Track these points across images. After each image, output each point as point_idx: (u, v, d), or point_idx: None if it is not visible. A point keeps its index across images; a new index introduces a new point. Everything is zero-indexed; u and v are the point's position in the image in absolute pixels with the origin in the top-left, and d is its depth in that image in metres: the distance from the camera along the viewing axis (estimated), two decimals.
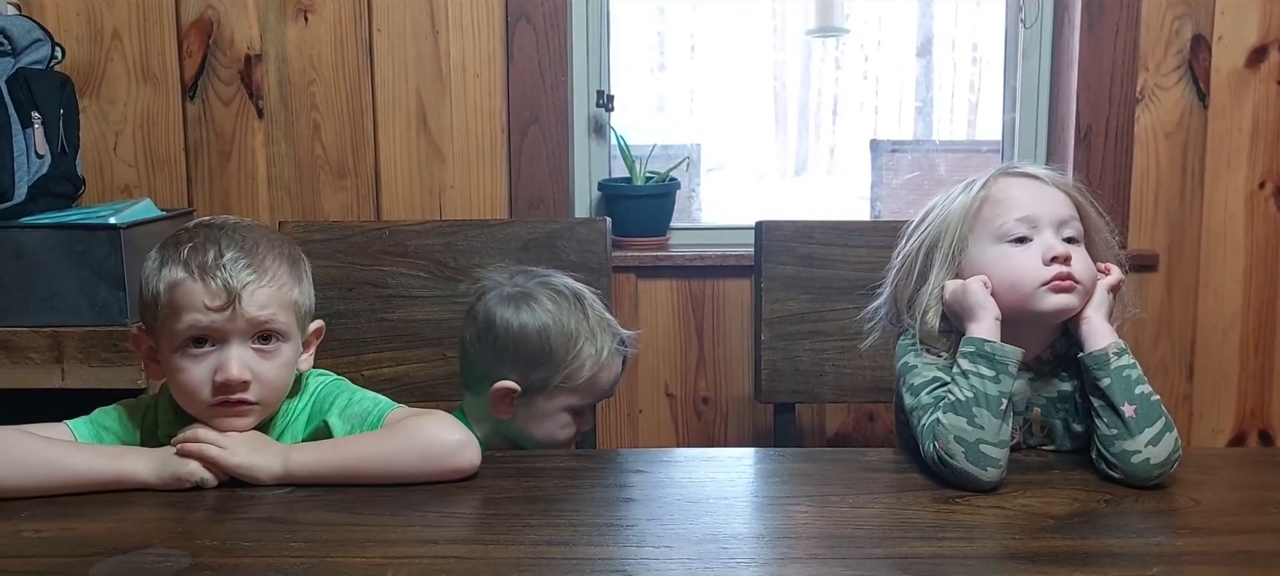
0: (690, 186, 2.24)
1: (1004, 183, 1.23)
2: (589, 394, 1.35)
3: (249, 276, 1.08)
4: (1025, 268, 1.17)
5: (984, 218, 1.21)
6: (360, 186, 1.98)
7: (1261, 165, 2.01)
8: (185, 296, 1.07)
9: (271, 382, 1.11)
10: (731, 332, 2.03)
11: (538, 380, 1.31)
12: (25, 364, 1.56)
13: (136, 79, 1.95)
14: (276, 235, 1.17)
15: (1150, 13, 1.97)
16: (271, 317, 1.10)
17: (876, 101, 2.44)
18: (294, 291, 1.13)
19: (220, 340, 1.09)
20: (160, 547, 0.95)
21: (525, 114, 1.97)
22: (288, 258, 1.14)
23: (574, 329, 1.31)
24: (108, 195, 1.96)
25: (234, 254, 1.09)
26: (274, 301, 1.10)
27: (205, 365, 1.09)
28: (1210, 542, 0.98)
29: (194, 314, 1.07)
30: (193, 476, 1.07)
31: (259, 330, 1.10)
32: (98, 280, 1.57)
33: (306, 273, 1.18)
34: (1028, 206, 1.19)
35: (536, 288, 1.34)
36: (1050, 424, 1.25)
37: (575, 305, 1.33)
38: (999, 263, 1.19)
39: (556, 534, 0.99)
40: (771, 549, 0.97)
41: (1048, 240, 1.18)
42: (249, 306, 1.08)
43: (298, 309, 1.14)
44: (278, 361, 1.12)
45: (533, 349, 1.31)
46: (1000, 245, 1.19)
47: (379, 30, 1.94)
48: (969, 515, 1.03)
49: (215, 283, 1.07)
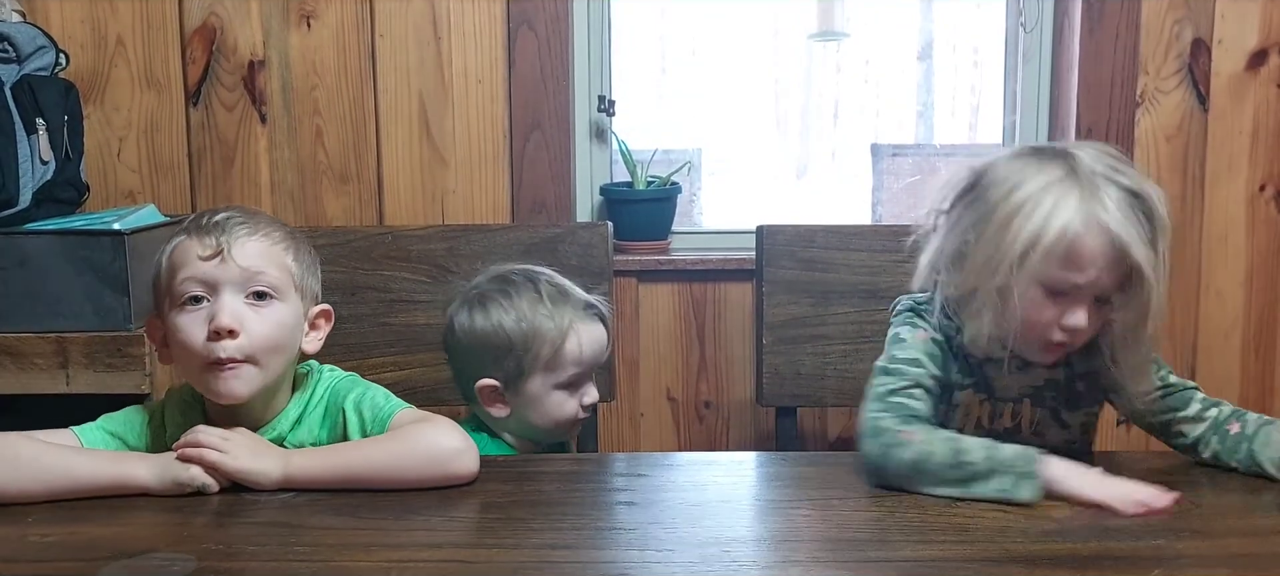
0: (691, 190, 2.25)
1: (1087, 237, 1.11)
2: (571, 366, 1.33)
3: (241, 231, 1.12)
4: (1043, 322, 1.15)
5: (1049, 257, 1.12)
6: (363, 192, 1.99)
7: (1262, 168, 2.01)
8: (182, 254, 1.12)
9: (262, 337, 1.12)
10: (733, 337, 2.04)
11: (512, 370, 1.32)
12: (30, 369, 1.57)
13: (140, 85, 1.96)
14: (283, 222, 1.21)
15: (1150, 16, 1.97)
16: (262, 270, 1.12)
17: (877, 105, 2.44)
18: (288, 255, 1.16)
19: (213, 292, 1.11)
20: (165, 551, 0.95)
21: (527, 119, 1.97)
22: (288, 231, 1.18)
23: (527, 311, 1.32)
24: (112, 201, 1.96)
25: (231, 215, 1.14)
26: (264, 257, 1.13)
27: (199, 317, 1.11)
28: (1211, 545, 0.98)
29: (189, 268, 1.11)
30: (194, 481, 1.08)
31: (251, 283, 1.12)
32: (102, 286, 1.57)
33: (309, 253, 1.20)
34: (1085, 275, 1.12)
35: (488, 284, 1.36)
36: (1040, 417, 1.25)
37: (526, 288, 1.34)
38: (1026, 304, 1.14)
39: (559, 537, 1.00)
40: (773, 552, 0.98)
41: (1078, 316, 1.14)
42: (238, 256, 1.11)
43: (292, 275, 1.16)
44: (269, 317, 1.13)
45: (494, 343, 1.32)
46: (1036, 287, 1.14)
47: (381, 36, 1.95)
48: (969, 518, 1.03)
49: (209, 238, 1.11)
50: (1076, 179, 1.13)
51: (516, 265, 1.40)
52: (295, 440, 1.19)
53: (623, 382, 2.03)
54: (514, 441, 1.38)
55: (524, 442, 1.39)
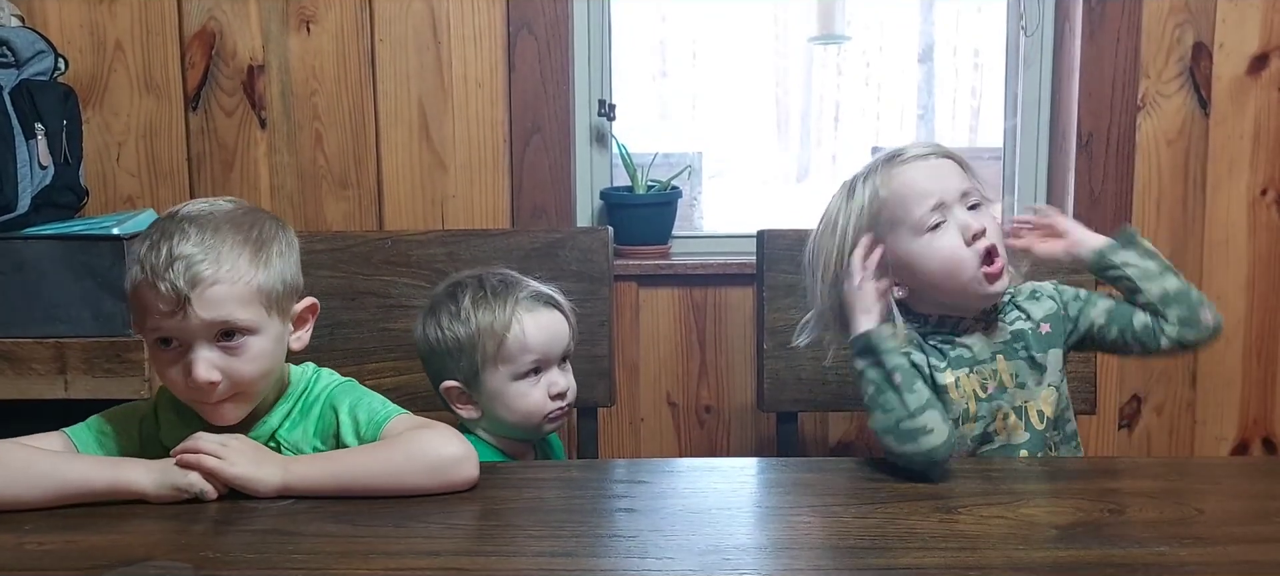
0: (692, 194, 2.25)
1: (899, 173, 1.26)
2: (522, 355, 1.33)
3: (201, 271, 1.05)
4: (954, 253, 1.24)
5: (893, 214, 1.26)
6: (362, 197, 1.98)
7: (1263, 172, 2.01)
8: (143, 298, 1.07)
9: (244, 377, 1.10)
10: (734, 341, 2.03)
11: (468, 369, 1.34)
12: (28, 375, 1.57)
13: (139, 90, 1.96)
14: (247, 216, 1.13)
15: (1151, 20, 1.97)
16: (228, 316, 1.07)
17: (878, 108, 2.44)
18: (257, 278, 1.09)
19: (184, 340, 1.07)
20: (163, 560, 0.95)
21: (527, 123, 1.97)
22: (252, 243, 1.10)
23: (470, 309, 1.33)
24: (111, 206, 1.96)
25: (187, 249, 1.05)
26: (229, 298, 1.07)
27: (177, 366, 1.09)
28: (1214, 552, 0.98)
29: (154, 317, 1.06)
30: (192, 487, 1.07)
31: (218, 329, 1.07)
32: (101, 291, 1.57)
33: (280, 252, 1.13)
34: (932, 192, 1.24)
35: (440, 291, 1.39)
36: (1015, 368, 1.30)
37: (470, 287, 1.36)
38: (926, 255, 1.25)
39: (558, 545, 0.99)
40: (774, 559, 0.97)
41: (962, 218, 1.24)
42: (200, 309, 1.05)
43: (265, 296, 1.10)
44: (247, 356, 1.09)
45: (447, 348, 1.34)
46: (920, 237, 1.25)
47: (381, 40, 1.95)
48: (972, 525, 1.03)
49: (165, 286, 1.04)
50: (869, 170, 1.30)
51: (473, 270, 1.41)
52: (287, 436, 1.18)
53: (623, 387, 2.02)
54: (492, 440, 1.38)
55: (504, 441, 1.39)
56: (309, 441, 1.18)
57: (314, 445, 1.18)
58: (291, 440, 1.18)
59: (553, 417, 1.36)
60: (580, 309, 1.57)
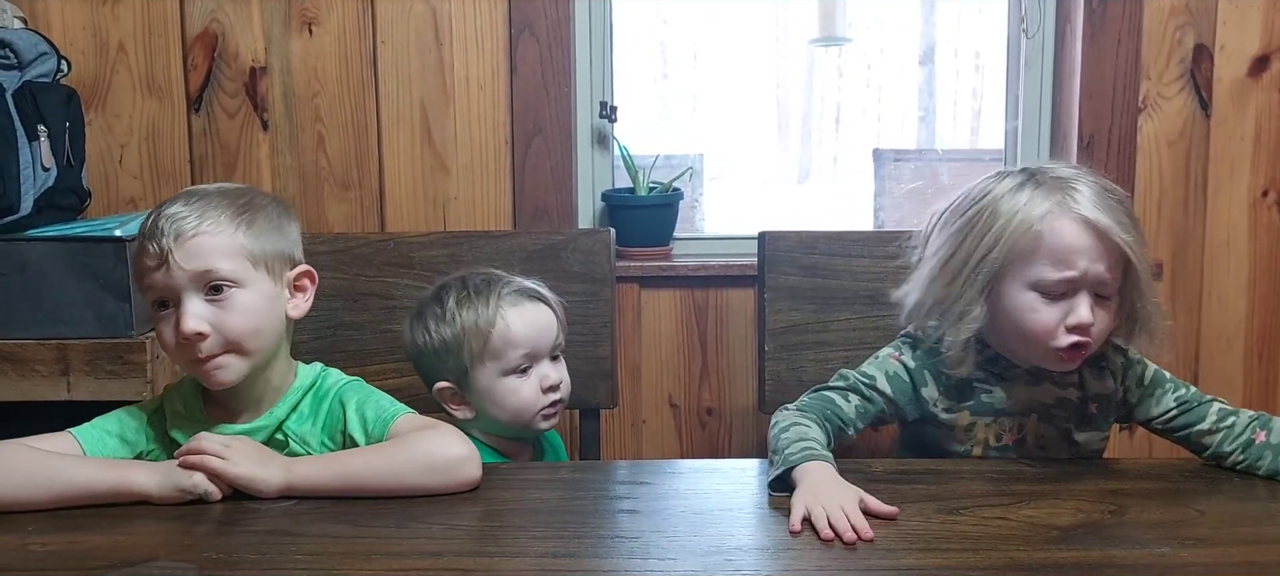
0: (693, 196, 2.25)
1: (1065, 226, 1.15)
2: (509, 350, 1.33)
3: (182, 226, 1.11)
4: (1046, 326, 1.16)
5: (1026, 249, 1.15)
6: (364, 198, 1.99)
7: (1264, 174, 2.01)
8: (139, 261, 1.14)
9: (233, 329, 1.13)
10: (735, 343, 2.03)
11: (457, 369, 1.34)
12: (31, 376, 1.57)
13: (142, 92, 1.96)
14: (244, 191, 1.19)
15: (1152, 22, 1.97)
16: (210, 267, 1.11)
17: (879, 110, 2.44)
18: (239, 235, 1.14)
19: (175, 298, 1.12)
20: (166, 560, 0.95)
21: (529, 125, 1.97)
22: (237, 205, 1.15)
23: (454, 309, 1.34)
24: (113, 208, 1.96)
25: (174, 211, 1.12)
26: (210, 249, 1.12)
27: (170, 323, 1.13)
28: (1216, 553, 0.98)
29: (146, 278, 1.13)
30: (196, 489, 1.07)
31: (203, 281, 1.12)
32: (104, 292, 1.57)
33: (269, 220, 1.17)
34: (1076, 264, 1.14)
35: (426, 295, 1.40)
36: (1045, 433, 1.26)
37: (455, 288, 1.36)
38: (1024, 311, 1.17)
39: (561, 546, 0.99)
40: (775, 560, 0.97)
41: (1080, 311, 1.15)
42: (183, 260, 1.10)
43: (249, 255, 1.14)
44: (235, 310, 1.13)
45: (435, 349, 1.35)
46: (1029, 293, 1.16)
47: (383, 42, 1.95)
48: (973, 526, 1.03)
49: (152, 244, 1.11)
50: (1046, 179, 1.18)
51: (459, 272, 1.42)
52: (295, 429, 1.19)
53: (625, 389, 2.02)
54: (487, 440, 1.38)
55: (500, 440, 1.39)
56: (317, 436, 1.19)
57: (321, 440, 1.20)
58: (300, 433, 1.19)
59: (547, 413, 1.36)
60: (582, 310, 1.58)
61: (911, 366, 1.27)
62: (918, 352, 1.28)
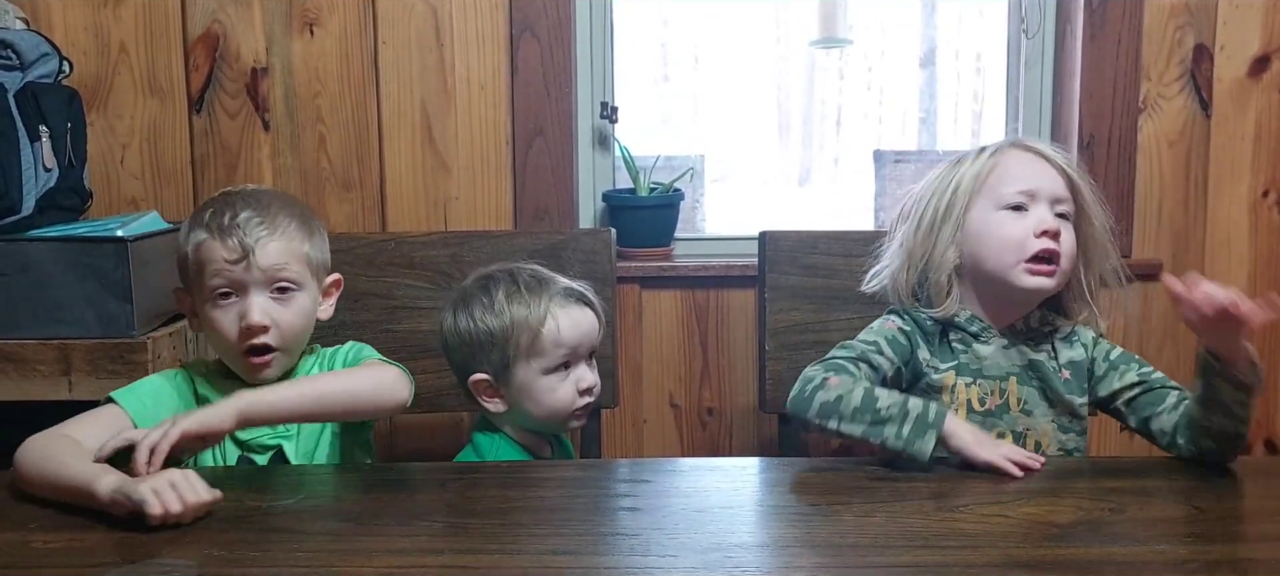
0: (694, 197, 2.25)
1: (1013, 154, 1.32)
2: (554, 350, 1.34)
3: (262, 233, 1.23)
4: (1015, 235, 1.27)
5: (990, 184, 1.30)
6: (366, 198, 1.99)
7: (1265, 174, 2.01)
8: (208, 253, 1.24)
9: (290, 327, 1.26)
10: (736, 343, 2.04)
11: (498, 362, 1.34)
12: (32, 376, 1.57)
13: (143, 92, 1.96)
14: (290, 197, 1.33)
15: (1152, 22, 1.98)
16: (284, 267, 1.25)
17: (880, 111, 2.44)
18: (305, 245, 1.28)
19: (241, 291, 1.24)
20: (168, 558, 0.95)
21: (530, 126, 1.97)
22: (299, 215, 1.29)
23: (504, 302, 1.34)
24: (115, 208, 1.97)
25: (248, 214, 1.24)
26: (285, 254, 1.25)
27: (231, 313, 1.24)
28: (1214, 550, 0.98)
29: (216, 266, 1.23)
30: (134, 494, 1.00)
31: (274, 280, 1.25)
32: (105, 293, 1.57)
33: (319, 230, 1.33)
34: (1029, 179, 1.28)
35: (471, 284, 1.40)
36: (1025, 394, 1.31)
37: (504, 281, 1.36)
38: (994, 227, 1.28)
39: (562, 543, 1.00)
40: (776, 558, 0.98)
41: (1041, 213, 1.27)
42: (262, 259, 1.23)
43: (309, 261, 1.29)
44: (294, 308, 1.26)
45: (478, 339, 1.35)
46: (996, 212, 1.29)
47: (384, 43, 1.96)
48: (973, 524, 1.03)
49: (232, 240, 1.22)
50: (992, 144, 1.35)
51: (502, 264, 1.41)
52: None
53: (625, 389, 2.03)
54: (515, 434, 1.39)
55: (527, 435, 1.40)
56: None
57: None
58: None
59: (578, 413, 1.38)
60: None
61: (907, 329, 1.33)
62: (906, 318, 1.35)
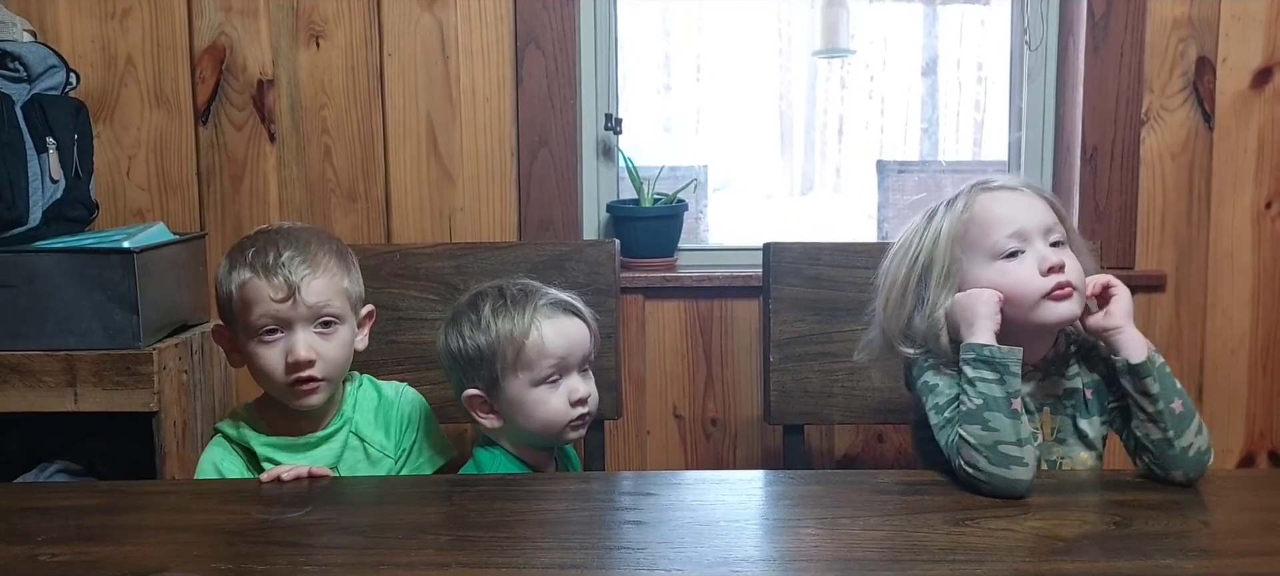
0: (697, 208, 2.25)
1: (985, 200, 1.27)
2: (542, 361, 1.33)
3: (305, 271, 1.29)
4: (1024, 281, 1.22)
5: (972, 238, 1.25)
6: (371, 210, 1.99)
7: (1268, 186, 2.02)
8: (253, 292, 1.28)
9: (333, 359, 1.32)
10: (740, 354, 2.04)
11: (488, 377, 1.34)
12: (38, 387, 1.57)
13: (150, 104, 1.97)
14: (325, 233, 1.38)
15: (1155, 35, 1.98)
16: (327, 303, 1.31)
17: (882, 121, 2.45)
18: (344, 280, 1.34)
19: (286, 327, 1.29)
20: (175, 571, 0.96)
21: (534, 137, 1.98)
22: (336, 252, 1.35)
23: (490, 318, 1.34)
24: (121, 219, 1.97)
25: (291, 253, 1.29)
26: (328, 290, 1.31)
27: (277, 349, 1.30)
28: (1220, 564, 0.98)
29: (262, 306, 1.28)
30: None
31: (318, 315, 1.30)
32: (111, 304, 1.58)
33: (354, 264, 1.38)
34: (1014, 221, 1.24)
35: (461, 303, 1.40)
36: (1059, 423, 1.28)
37: (491, 297, 1.37)
38: (997, 280, 1.24)
39: (568, 557, 1.00)
40: (782, 572, 0.98)
41: (1041, 250, 1.23)
42: (307, 296, 1.28)
43: (349, 295, 1.34)
44: (336, 341, 1.32)
45: (468, 356, 1.35)
46: (996, 263, 1.24)
47: (390, 55, 1.96)
48: (979, 538, 1.03)
49: (278, 278, 1.28)
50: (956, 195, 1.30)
51: (495, 281, 1.42)
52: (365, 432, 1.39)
53: (629, 400, 2.03)
54: (514, 451, 1.39)
55: (526, 450, 1.39)
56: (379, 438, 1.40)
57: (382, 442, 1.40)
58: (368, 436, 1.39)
59: (574, 425, 1.36)
60: None
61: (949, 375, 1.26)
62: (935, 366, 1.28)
